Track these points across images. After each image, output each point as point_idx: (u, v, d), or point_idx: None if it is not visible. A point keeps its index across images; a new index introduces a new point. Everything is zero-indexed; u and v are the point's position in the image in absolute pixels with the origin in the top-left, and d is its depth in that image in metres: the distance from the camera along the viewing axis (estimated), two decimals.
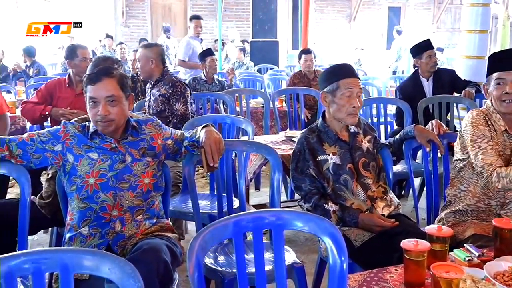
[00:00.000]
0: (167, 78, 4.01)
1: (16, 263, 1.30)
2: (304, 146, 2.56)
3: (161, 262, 1.92)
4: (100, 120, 2.15)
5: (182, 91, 3.94)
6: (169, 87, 3.94)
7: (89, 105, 2.18)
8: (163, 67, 4.05)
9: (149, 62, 3.99)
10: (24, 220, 2.22)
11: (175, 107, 3.91)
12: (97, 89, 2.16)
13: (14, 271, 1.29)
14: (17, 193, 4.57)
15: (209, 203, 3.22)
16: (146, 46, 4.15)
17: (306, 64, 5.94)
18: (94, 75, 2.18)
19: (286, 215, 1.62)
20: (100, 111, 2.14)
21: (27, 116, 4.10)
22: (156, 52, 4.03)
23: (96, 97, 2.16)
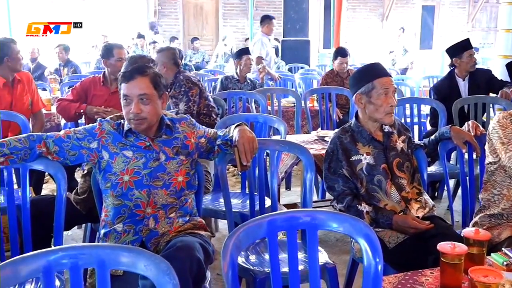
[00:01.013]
0: (177, 79, 4.09)
1: (54, 258, 1.32)
2: (337, 146, 2.55)
3: (195, 260, 1.93)
4: (132, 118, 2.17)
5: (185, 90, 4.00)
6: (176, 88, 4.04)
7: (122, 103, 2.21)
8: (176, 69, 4.11)
9: (162, 66, 4.06)
10: (60, 215, 2.26)
11: (179, 107, 3.99)
12: (130, 87, 2.18)
13: (53, 266, 1.32)
14: (51, 189, 4.66)
15: (240, 201, 3.22)
16: (158, 51, 4.26)
17: (341, 66, 5.90)
18: (128, 73, 2.20)
19: (321, 216, 1.61)
20: (133, 109, 2.16)
21: (62, 114, 4.18)
22: (168, 56, 4.11)
23: (129, 95, 2.18)
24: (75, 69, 7.92)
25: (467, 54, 4.49)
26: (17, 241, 2.29)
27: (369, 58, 11.50)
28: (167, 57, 4.12)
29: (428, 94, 5.61)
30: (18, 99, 4.00)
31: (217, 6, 14.26)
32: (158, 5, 13.92)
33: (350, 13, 14.60)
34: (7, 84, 3.95)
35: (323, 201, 4.25)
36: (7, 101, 3.94)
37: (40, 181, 3.79)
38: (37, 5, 11.80)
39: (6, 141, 2.20)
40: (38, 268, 1.30)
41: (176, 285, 1.31)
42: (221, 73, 8.11)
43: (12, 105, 3.92)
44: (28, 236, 2.27)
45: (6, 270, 1.27)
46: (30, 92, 4.11)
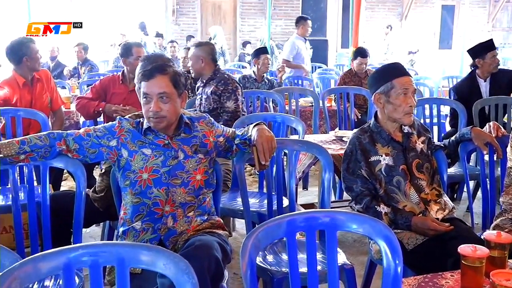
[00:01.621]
0: (219, 76, 4.04)
1: (74, 256, 1.33)
2: (356, 146, 2.53)
3: (213, 259, 1.93)
4: (152, 116, 2.18)
5: (233, 89, 3.96)
6: (220, 85, 3.97)
7: (142, 101, 2.21)
8: (214, 65, 4.07)
9: (200, 61, 4.02)
10: (79, 212, 2.28)
11: (226, 105, 3.94)
12: (150, 86, 2.18)
13: (73, 264, 1.32)
14: (70, 186, 4.70)
15: (257, 201, 3.22)
16: (196, 45, 4.19)
17: (360, 66, 5.86)
18: (148, 72, 2.20)
19: (340, 216, 1.60)
20: (152, 107, 2.16)
21: (81, 112, 4.21)
22: (206, 51, 4.06)
23: (149, 93, 2.18)
24: (91, 68, 7.99)
25: (490, 55, 4.42)
26: (37, 237, 2.31)
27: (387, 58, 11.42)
28: (205, 52, 4.08)
29: (447, 94, 5.56)
30: (37, 97, 4.04)
31: (235, 5, 14.26)
32: (176, 4, 13.97)
33: (368, 12, 14.51)
34: (26, 84, 3.99)
35: (341, 201, 4.23)
36: (27, 100, 3.98)
37: (59, 179, 3.82)
38: (38, 5, 11.87)
39: (27, 138, 2.22)
40: (58, 265, 1.31)
41: (195, 284, 1.31)
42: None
43: (32, 104, 3.96)
44: (48, 233, 2.29)
45: (27, 267, 1.28)
46: (50, 90, 4.15)
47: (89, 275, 1.35)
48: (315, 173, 5.21)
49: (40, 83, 4.07)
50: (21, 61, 3.94)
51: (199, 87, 4.20)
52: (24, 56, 3.92)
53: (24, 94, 3.98)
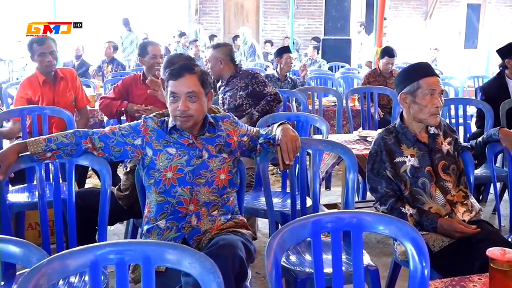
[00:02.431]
0: (243, 73, 4.06)
1: (101, 253, 1.34)
2: (381, 147, 2.50)
3: (237, 259, 1.93)
4: (179, 115, 2.18)
5: (263, 79, 4.05)
6: (248, 80, 3.99)
7: (169, 100, 2.21)
8: (233, 65, 4.09)
9: (218, 62, 4.04)
10: (104, 210, 2.30)
11: (265, 91, 4.01)
12: (179, 85, 2.19)
13: (99, 261, 1.33)
14: (94, 184, 4.75)
15: (280, 200, 3.21)
16: (214, 46, 4.21)
17: (386, 66, 5.81)
18: (176, 71, 2.21)
19: (367, 217, 1.58)
20: (180, 106, 2.17)
21: (104, 111, 4.24)
22: (224, 52, 4.08)
23: (177, 93, 2.19)
24: (117, 66, 8.05)
25: None
26: (62, 234, 2.33)
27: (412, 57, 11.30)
28: (224, 53, 4.10)
29: (473, 94, 5.47)
30: (60, 95, 4.05)
31: (257, 4, 14.27)
32: (200, 3, 14.02)
33: (392, 11, 14.39)
34: (47, 81, 4.02)
35: (364, 202, 4.20)
36: (49, 98, 4.02)
37: (83, 176, 3.86)
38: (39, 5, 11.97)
39: (53, 136, 2.25)
40: (85, 263, 1.32)
41: (220, 283, 1.31)
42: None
43: (55, 102, 3.99)
44: (73, 230, 2.31)
45: (55, 264, 1.29)
46: (74, 89, 4.16)
47: (115, 273, 1.36)
48: (338, 173, 5.19)
49: (64, 82, 4.10)
50: (34, 60, 3.99)
51: (220, 87, 4.21)
52: (32, 56, 3.96)
53: (46, 92, 4.02)
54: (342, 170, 4.72)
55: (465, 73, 9.69)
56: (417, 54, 12.16)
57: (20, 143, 2.25)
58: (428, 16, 14.92)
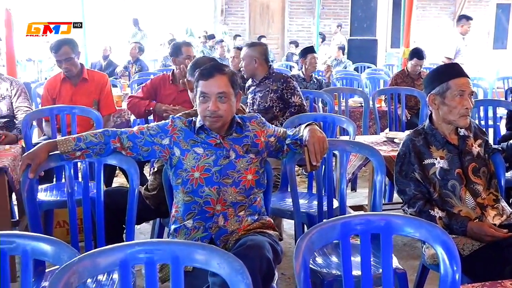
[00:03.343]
0: (276, 75, 4.04)
1: (131, 252, 1.34)
2: (409, 148, 2.47)
3: (264, 259, 1.92)
4: (209, 115, 2.19)
5: (294, 86, 4.01)
6: (280, 83, 3.97)
7: (199, 100, 2.22)
8: (267, 65, 4.07)
9: (253, 61, 4.02)
10: (132, 209, 2.32)
11: (291, 100, 3.96)
12: (209, 85, 2.19)
13: (129, 260, 1.34)
14: (120, 183, 4.80)
15: (306, 202, 3.19)
16: (249, 45, 4.19)
17: (415, 68, 5.75)
18: (207, 71, 2.21)
19: (397, 220, 1.56)
20: (210, 106, 2.17)
21: (132, 111, 4.27)
22: (260, 51, 4.06)
23: (208, 93, 2.19)
24: (141, 68, 8.12)
25: None
26: (90, 232, 2.36)
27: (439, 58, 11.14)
28: (259, 52, 4.08)
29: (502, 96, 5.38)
30: (79, 96, 4.06)
31: (283, 4, 14.25)
32: (225, 4, 14.07)
33: (419, 11, 14.22)
34: (67, 80, 4.07)
35: (391, 204, 4.16)
36: (67, 95, 4.06)
37: (111, 175, 3.89)
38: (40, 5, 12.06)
39: (82, 136, 2.28)
40: (115, 262, 1.33)
41: (249, 284, 1.30)
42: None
43: (72, 101, 4.02)
44: (101, 228, 2.34)
45: (85, 262, 1.30)
46: (98, 93, 4.16)
47: (144, 272, 1.36)
48: (364, 174, 5.15)
49: (87, 84, 4.11)
50: None
51: (250, 87, 4.20)
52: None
53: (64, 90, 4.07)
54: (368, 172, 4.69)
55: (494, 74, 9.53)
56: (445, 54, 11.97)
57: (50, 142, 2.28)
58: (456, 16, 14.70)
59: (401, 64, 7.66)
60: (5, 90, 3.74)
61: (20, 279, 1.43)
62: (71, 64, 3.99)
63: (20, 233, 1.50)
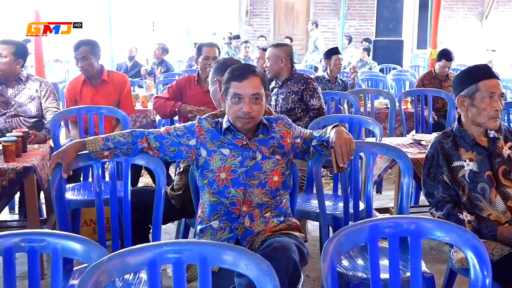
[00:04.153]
0: (298, 76, 4.02)
1: (159, 252, 1.35)
2: (437, 151, 2.44)
3: (291, 261, 1.92)
4: (242, 116, 2.19)
5: (314, 87, 3.95)
6: (301, 84, 3.95)
7: (231, 101, 2.21)
8: (291, 66, 4.06)
9: (279, 61, 4.01)
10: (158, 208, 2.34)
11: (310, 103, 3.93)
12: (243, 86, 2.19)
13: (157, 260, 1.35)
14: (145, 183, 4.83)
15: (332, 203, 3.18)
16: (276, 45, 4.18)
17: (443, 69, 5.69)
18: (240, 72, 2.22)
19: (427, 224, 1.55)
20: (244, 108, 2.18)
21: (158, 111, 4.31)
22: (286, 52, 4.05)
23: (242, 94, 2.19)
24: (167, 69, 8.18)
25: None
26: (118, 231, 2.38)
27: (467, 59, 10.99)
28: (286, 53, 4.08)
29: None
30: (100, 97, 4.10)
31: (308, 5, 14.21)
32: (250, 5, 14.09)
33: (446, 12, 14.03)
34: (88, 81, 4.12)
35: (416, 207, 4.11)
36: (88, 96, 4.11)
37: (137, 175, 3.93)
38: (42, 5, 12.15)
39: (111, 135, 2.30)
40: (144, 261, 1.34)
41: (277, 286, 1.30)
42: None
43: (93, 102, 4.06)
44: (128, 227, 2.36)
45: (115, 261, 1.32)
46: (118, 95, 4.19)
47: (172, 272, 1.37)
48: (389, 176, 5.10)
49: (106, 86, 4.15)
50: None
51: (273, 88, 4.20)
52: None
53: (85, 91, 4.13)
54: (393, 174, 4.64)
55: None
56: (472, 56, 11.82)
57: (79, 142, 2.32)
58: (484, 16, 14.48)
59: (427, 66, 7.58)
60: (34, 91, 3.80)
61: (47, 276, 1.45)
62: (87, 64, 4.04)
63: (51, 232, 1.53)
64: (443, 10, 13.01)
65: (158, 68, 8.30)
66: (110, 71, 4.42)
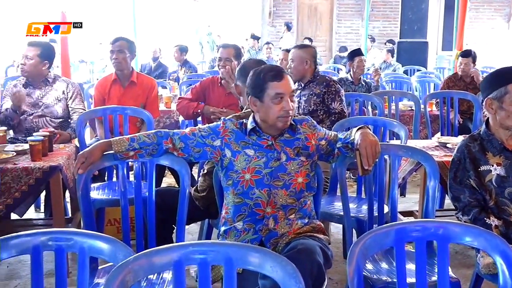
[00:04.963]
0: (320, 78, 4.00)
1: (185, 253, 1.35)
2: (464, 154, 2.40)
3: (315, 264, 1.91)
4: (284, 115, 2.20)
5: (336, 90, 3.91)
6: (323, 87, 3.92)
7: (271, 102, 2.19)
8: (315, 68, 4.05)
9: (303, 63, 3.99)
10: (183, 209, 2.35)
11: (331, 106, 3.89)
12: (284, 85, 2.21)
13: (183, 260, 1.35)
14: (168, 183, 4.86)
15: (355, 206, 3.15)
16: (300, 47, 4.17)
17: (460, 67, 5.61)
18: (277, 72, 2.22)
19: (455, 228, 1.52)
20: (286, 106, 2.19)
21: (181, 112, 4.35)
22: (311, 53, 4.03)
23: (284, 93, 2.20)
24: (191, 70, 8.22)
25: None
26: (142, 231, 2.39)
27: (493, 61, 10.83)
28: (310, 54, 4.06)
29: None
30: (127, 98, 4.13)
31: (331, 6, 14.16)
32: (273, 6, 14.09)
33: (472, 13, 13.85)
34: (117, 81, 4.16)
35: (441, 211, 4.06)
36: (116, 96, 4.16)
37: (160, 176, 3.95)
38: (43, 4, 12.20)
39: (136, 136, 2.32)
40: (169, 261, 1.34)
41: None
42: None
43: (121, 102, 4.10)
44: (153, 227, 2.37)
45: (141, 261, 1.32)
46: (145, 98, 4.22)
47: (198, 273, 1.37)
48: (413, 179, 5.04)
49: (135, 87, 4.18)
50: None
51: (297, 90, 4.18)
52: None
53: (114, 90, 4.17)
54: (417, 177, 4.59)
55: None
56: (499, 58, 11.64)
57: (105, 142, 2.34)
58: (511, 18, 14.26)
59: (453, 68, 7.49)
60: (61, 93, 3.85)
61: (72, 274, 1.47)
62: (121, 57, 4.09)
63: (78, 231, 1.54)
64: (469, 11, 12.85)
65: (181, 69, 8.34)
66: (139, 73, 4.46)
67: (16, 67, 9.41)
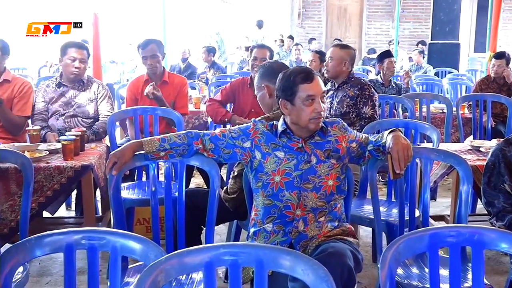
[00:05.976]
0: (355, 81, 3.96)
1: (216, 254, 1.35)
2: (499, 159, 2.35)
3: (346, 267, 1.89)
4: (316, 117, 2.19)
5: (370, 94, 3.85)
6: (357, 90, 3.88)
7: (303, 104, 2.19)
8: (351, 70, 4.02)
9: (342, 63, 3.96)
10: (212, 210, 2.35)
11: (362, 110, 3.84)
12: (315, 86, 2.20)
13: (214, 262, 1.35)
14: (196, 184, 4.89)
15: (385, 209, 3.12)
16: (342, 46, 4.12)
17: (493, 69, 5.50)
18: (307, 74, 2.21)
19: (490, 234, 1.49)
20: (318, 107, 2.18)
21: (210, 115, 4.37)
22: (350, 55, 4.00)
23: (315, 94, 2.19)
24: (220, 71, 8.25)
25: None
26: (172, 231, 2.40)
27: None
28: (349, 56, 4.03)
29: None
30: None
31: (361, 7, 14.05)
32: (302, 7, 14.05)
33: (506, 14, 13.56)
34: (149, 81, 4.19)
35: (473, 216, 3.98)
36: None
37: (189, 176, 3.98)
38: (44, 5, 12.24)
39: (167, 136, 2.33)
40: (201, 262, 1.35)
41: None
42: None
43: (153, 101, 4.13)
44: (182, 227, 2.38)
45: (173, 261, 1.33)
46: (176, 95, 4.26)
47: (229, 274, 1.37)
48: (444, 183, 4.96)
49: (167, 87, 4.21)
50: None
51: (329, 91, 4.15)
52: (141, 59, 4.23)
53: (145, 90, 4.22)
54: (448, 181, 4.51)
55: None
56: None
57: (136, 142, 2.36)
58: None
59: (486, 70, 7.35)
60: (93, 94, 3.91)
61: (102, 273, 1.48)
62: (155, 61, 4.16)
63: (111, 230, 1.56)
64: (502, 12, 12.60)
65: (210, 70, 8.38)
66: (171, 73, 4.50)
67: (49, 67, 9.59)
